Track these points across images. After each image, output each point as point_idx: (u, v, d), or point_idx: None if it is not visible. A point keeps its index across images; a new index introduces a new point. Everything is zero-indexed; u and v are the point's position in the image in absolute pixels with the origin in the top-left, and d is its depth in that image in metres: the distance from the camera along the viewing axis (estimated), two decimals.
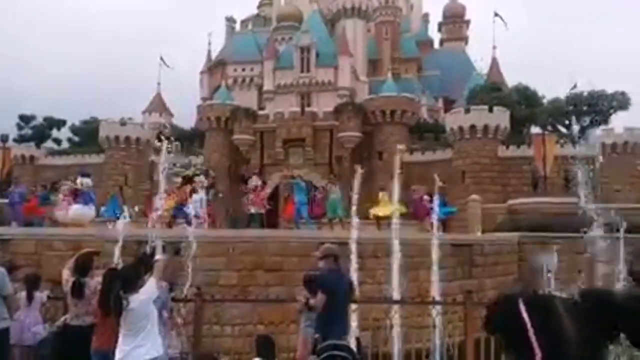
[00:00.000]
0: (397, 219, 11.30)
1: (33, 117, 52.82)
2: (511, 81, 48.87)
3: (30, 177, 40.82)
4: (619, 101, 42.02)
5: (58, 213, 15.73)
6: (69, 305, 5.97)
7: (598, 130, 40.74)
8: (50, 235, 14.02)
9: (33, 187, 21.11)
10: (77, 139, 51.93)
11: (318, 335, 5.59)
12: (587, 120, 42.95)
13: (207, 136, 45.09)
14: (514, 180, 35.91)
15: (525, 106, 42.68)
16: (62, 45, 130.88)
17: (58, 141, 53.19)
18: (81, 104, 75.38)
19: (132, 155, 42.97)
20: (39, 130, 52.28)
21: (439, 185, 13.74)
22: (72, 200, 15.44)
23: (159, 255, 5.69)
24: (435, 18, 68.82)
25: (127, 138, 43.11)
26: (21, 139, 49.84)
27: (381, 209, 18.92)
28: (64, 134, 53.73)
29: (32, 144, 48.15)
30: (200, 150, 44.48)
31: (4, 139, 30.05)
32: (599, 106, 42.17)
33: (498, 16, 54.69)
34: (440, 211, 13.38)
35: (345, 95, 47.13)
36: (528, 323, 1.83)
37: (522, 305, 1.88)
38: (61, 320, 6.11)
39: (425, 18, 67.01)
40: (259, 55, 54.00)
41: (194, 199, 15.87)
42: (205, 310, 7.36)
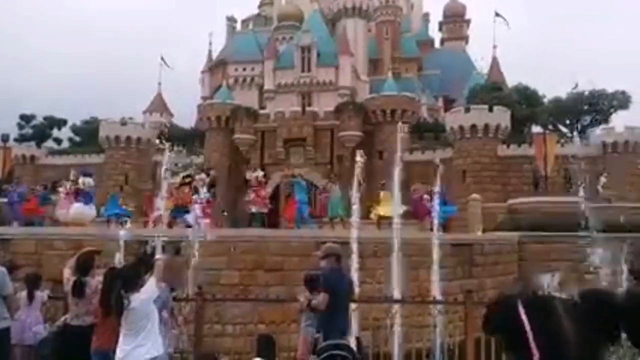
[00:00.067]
0: (399, 218, 11.28)
1: (33, 117, 52.86)
2: (511, 81, 48.99)
3: (30, 177, 40.88)
4: (620, 100, 42.04)
5: (59, 212, 15.75)
6: (70, 304, 5.95)
7: (598, 130, 40.80)
8: (50, 234, 14.02)
9: (33, 187, 21.02)
10: (78, 139, 51.96)
11: (319, 334, 5.58)
12: (588, 120, 42.97)
13: (207, 136, 45.11)
14: (514, 179, 35.96)
15: (525, 106, 42.69)
16: (62, 45, 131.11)
17: (59, 141, 53.23)
18: (81, 104, 75.39)
19: (133, 154, 43.01)
20: (39, 129, 52.32)
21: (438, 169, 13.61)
22: (74, 199, 15.45)
23: (159, 255, 5.69)
24: (436, 17, 69.02)
25: (128, 138, 43.15)
26: (22, 139, 49.88)
27: (383, 208, 18.86)
28: (65, 134, 53.90)
29: (33, 144, 48.20)
30: (201, 149, 44.47)
31: (5, 138, 30.00)
32: (600, 105, 42.18)
33: (499, 16, 54.71)
34: (440, 210, 13.32)
35: (346, 94, 47.13)
36: (526, 324, 1.83)
37: (521, 306, 1.88)
38: (61, 319, 6.09)
39: (426, 17, 67.04)
40: (259, 55, 53.96)
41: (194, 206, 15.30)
42: (206, 310, 7.37)
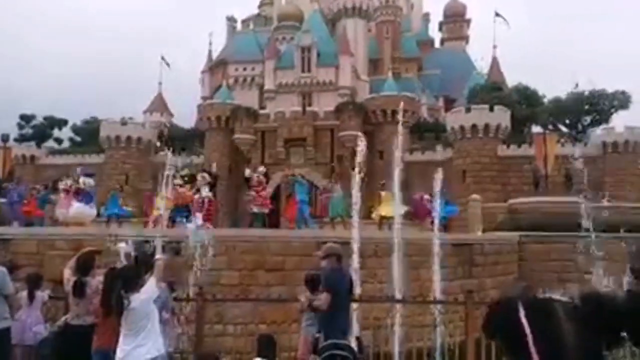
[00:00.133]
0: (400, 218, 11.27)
1: (33, 117, 52.86)
2: (512, 81, 48.99)
3: (31, 177, 40.87)
4: (620, 100, 42.03)
5: (59, 211, 15.72)
6: (70, 304, 5.95)
7: (599, 130, 40.79)
8: (51, 234, 14.01)
9: (32, 187, 20.99)
10: (79, 139, 51.97)
11: (320, 334, 5.57)
12: (588, 120, 42.96)
13: (207, 136, 45.07)
14: (514, 179, 35.96)
15: (525, 106, 42.68)
16: (62, 45, 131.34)
17: (59, 141, 53.24)
18: (81, 104, 75.49)
19: (133, 154, 43.03)
20: (39, 129, 52.32)
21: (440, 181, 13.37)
22: (74, 198, 15.42)
23: (159, 255, 5.69)
24: (436, 17, 69.06)
25: (128, 138, 43.17)
26: (22, 139, 49.87)
27: (384, 209, 18.84)
28: (65, 134, 53.94)
29: (33, 144, 48.20)
30: (201, 149, 44.46)
31: (5, 138, 29.94)
32: (600, 105, 42.17)
33: (499, 16, 54.68)
34: (441, 210, 13.30)
35: (346, 94, 47.13)
36: (527, 327, 1.82)
37: (522, 309, 1.87)
38: (62, 319, 6.09)
39: (426, 17, 67.04)
40: (260, 55, 53.96)
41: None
42: (207, 310, 7.36)
